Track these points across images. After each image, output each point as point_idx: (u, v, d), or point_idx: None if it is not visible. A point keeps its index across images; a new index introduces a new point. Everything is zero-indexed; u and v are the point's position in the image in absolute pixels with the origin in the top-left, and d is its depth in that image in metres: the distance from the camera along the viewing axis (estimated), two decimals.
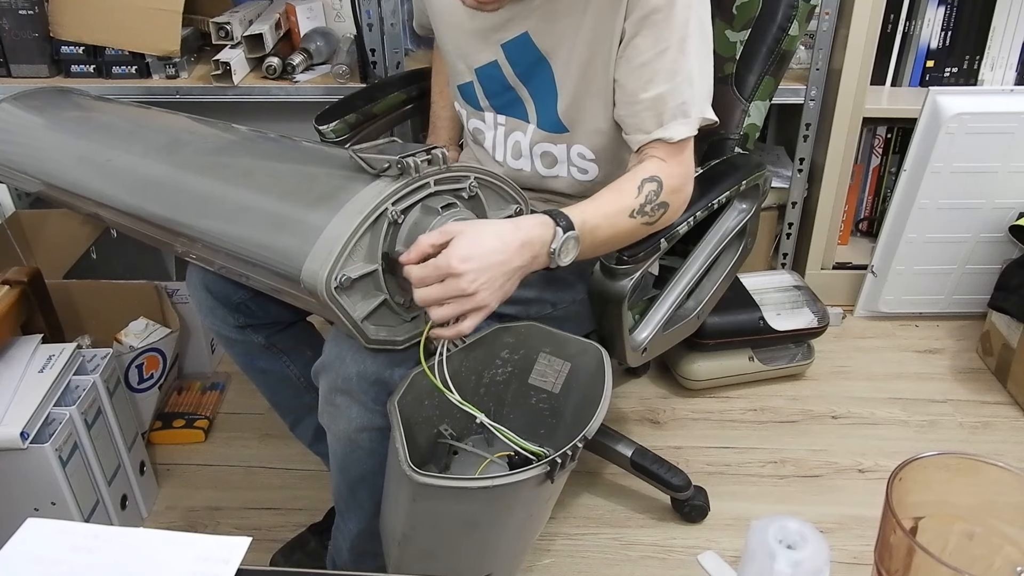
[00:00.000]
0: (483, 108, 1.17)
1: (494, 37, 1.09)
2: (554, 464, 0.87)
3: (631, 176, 1.02)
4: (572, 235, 0.93)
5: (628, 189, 1.00)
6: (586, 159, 1.14)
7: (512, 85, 1.12)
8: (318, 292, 0.86)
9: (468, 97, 1.19)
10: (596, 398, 0.94)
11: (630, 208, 1.00)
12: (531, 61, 1.09)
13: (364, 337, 0.92)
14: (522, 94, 1.13)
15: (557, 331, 1.03)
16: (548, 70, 1.09)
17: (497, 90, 1.14)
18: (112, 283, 1.66)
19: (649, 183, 1.01)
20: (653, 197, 1.01)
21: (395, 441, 0.88)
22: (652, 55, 1.00)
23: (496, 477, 0.85)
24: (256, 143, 1.16)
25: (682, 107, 1.01)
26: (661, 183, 1.01)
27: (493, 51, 1.11)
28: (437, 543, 0.97)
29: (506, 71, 1.11)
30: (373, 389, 0.96)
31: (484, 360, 1.04)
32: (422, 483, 0.84)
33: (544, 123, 1.13)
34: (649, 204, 1.01)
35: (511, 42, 1.08)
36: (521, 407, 1.08)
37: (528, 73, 1.10)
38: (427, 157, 0.90)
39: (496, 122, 1.17)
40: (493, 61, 1.11)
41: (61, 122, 1.36)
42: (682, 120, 1.01)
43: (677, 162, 1.03)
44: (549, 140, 1.14)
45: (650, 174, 1.01)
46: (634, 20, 0.99)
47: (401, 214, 0.89)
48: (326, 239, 0.86)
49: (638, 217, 1.01)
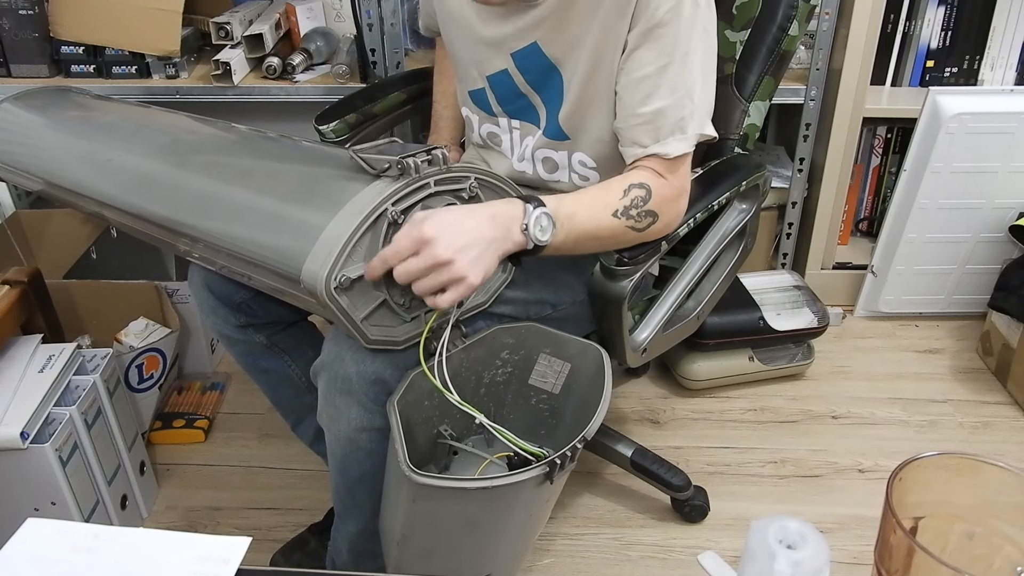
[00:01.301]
0: (496, 114, 1.18)
1: (505, 46, 1.09)
2: (553, 465, 0.87)
3: (620, 178, 1.02)
4: (543, 211, 0.92)
5: (614, 189, 1.00)
6: (587, 167, 1.14)
7: (524, 92, 1.13)
8: (318, 292, 0.86)
9: (480, 103, 1.19)
10: (596, 399, 0.94)
11: (613, 207, 0.99)
12: (542, 69, 1.09)
13: (364, 337, 0.92)
14: (534, 100, 1.13)
15: (557, 332, 1.03)
16: (559, 78, 1.09)
17: (509, 96, 1.14)
18: (112, 283, 1.66)
19: (637, 188, 1.00)
20: (640, 203, 1.00)
21: (394, 442, 0.88)
22: (653, 69, 0.99)
23: (495, 478, 0.85)
24: (257, 143, 1.16)
25: (680, 123, 1.00)
26: (650, 192, 1.00)
27: (504, 60, 1.11)
28: (436, 543, 0.97)
29: (517, 79, 1.11)
30: (373, 389, 0.96)
31: (484, 361, 1.04)
32: (421, 483, 0.84)
33: (548, 130, 1.13)
34: (635, 208, 1.00)
35: (521, 51, 1.08)
36: (521, 408, 1.08)
37: (540, 81, 1.10)
38: (427, 157, 0.90)
39: (511, 126, 1.17)
40: (504, 69, 1.12)
41: (62, 121, 1.36)
42: (679, 136, 1.01)
43: (672, 177, 1.03)
44: (550, 146, 1.14)
45: (639, 181, 1.01)
46: (638, 32, 0.99)
47: (401, 214, 0.89)
48: (326, 239, 0.86)
49: (622, 219, 0.99)
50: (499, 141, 1.20)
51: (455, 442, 1.04)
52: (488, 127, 1.20)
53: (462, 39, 1.15)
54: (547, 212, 0.92)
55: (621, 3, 0.99)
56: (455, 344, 0.99)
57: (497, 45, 1.10)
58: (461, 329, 1.01)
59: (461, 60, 1.18)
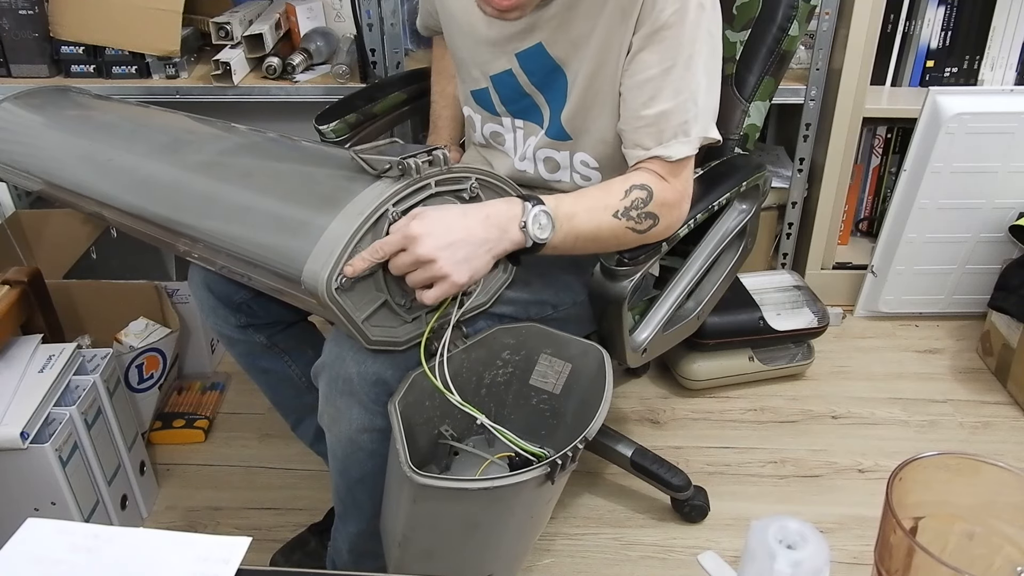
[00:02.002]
0: (499, 113, 1.17)
1: (509, 47, 1.09)
2: (554, 465, 0.87)
3: (621, 179, 1.02)
4: (542, 209, 0.93)
5: (615, 190, 1.00)
6: (589, 167, 1.14)
7: (528, 92, 1.12)
8: (319, 293, 0.86)
9: (483, 102, 1.19)
10: (597, 399, 0.94)
11: (614, 208, 0.99)
12: (547, 70, 1.09)
13: (365, 338, 0.92)
14: (538, 100, 1.13)
15: (558, 332, 1.03)
16: (563, 78, 1.09)
17: (513, 96, 1.14)
18: (112, 283, 1.66)
19: (639, 190, 1.00)
20: (640, 204, 1.00)
21: (396, 442, 0.88)
22: (658, 72, 0.99)
23: (497, 478, 0.85)
24: (257, 143, 1.16)
25: (684, 126, 1.00)
26: (652, 193, 1.00)
27: (508, 60, 1.11)
28: (438, 544, 0.97)
29: (521, 79, 1.11)
30: (374, 390, 0.96)
31: (485, 361, 1.04)
32: (423, 484, 0.84)
33: (551, 130, 1.13)
34: (635, 210, 1.00)
35: (525, 52, 1.08)
36: (522, 408, 1.08)
37: (544, 82, 1.10)
38: (428, 158, 0.90)
39: (514, 126, 1.17)
40: (508, 69, 1.11)
41: (62, 121, 1.36)
42: (682, 139, 1.00)
43: (674, 180, 1.03)
44: (552, 146, 1.14)
45: (641, 182, 1.01)
46: (643, 35, 0.99)
47: (401, 215, 0.89)
48: (327, 240, 0.86)
49: (623, 220, 0.99)
50: (502, 140, 1.20)
51: (456, 442, 1.04)
52: (491, 126, 1.20)
53: (464, 40, 1.15)
54: (546, 210, 0.93)
55: (625, 5, 0.98)
56: (456, 344, 0.99)
57: (501, 46, 1.10)
58: (462, 330, 1.01)
59: (463, 60, 1.18)
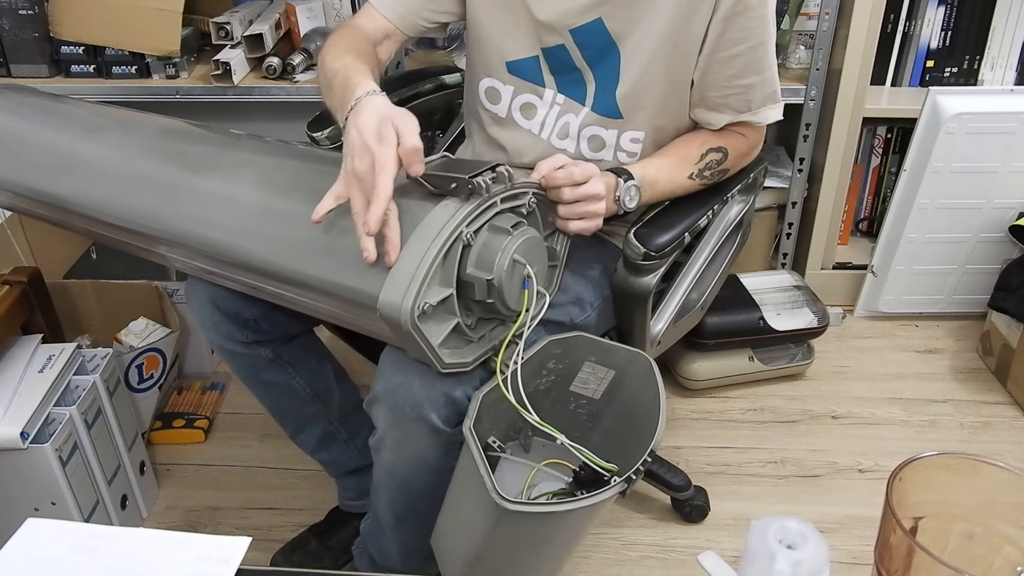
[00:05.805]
0: (545, 85, 1.14)
1: (563, 23, 1.08)
2: (630, 481, 0.86)
3: (699, 142, 1.12)
4: (633, 183, 1.05)
5: (692, 153, 1.11)
6: (636, 144, 1.13)
7: (578, 67, 1.11)
8: (400, 322, 0.83)
9: (525, 72, 1.14)
10: (641, 407, 0.93)
11: (689, 171, 1.11)
12: (601, 45, 1.08)
13: (440, 362, 0.89)
14: (587, 76, 1.11)
15: (604, 340, 1.01)
16: (617, 55, 1.08)
17: (563, 69, 1.12)
18: (112, 283, 1.66)
19: (714, 152, 1.11)
20: (715, 165, 1.12)
21: (479, 469, 0.85)
22: (743, 49, 1.05)
23: (582, 499, 0.83)
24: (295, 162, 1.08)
25: (772, 95, 1.10)
26: (727, 155, 1.12)
27: (559, 36, 1.09)
28: (510, 563, 0.95)
29: (574, 54, 1.10)
30: (444, 411, 0.95)
31: (532, 372, 1.01)
32: (514, 511, 0.81)
33: (600, 107, 1.11)
34: (709, 170, 1.12)
35: (582, 27, 1.07)
36: (558, 412, 1.04)
37: (597, 57, 1.09)
38: (492, 176, 0.88)
39: (554, 100, 1.14)
40: (560, 44, 1.10)
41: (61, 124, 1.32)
42: (771, 105, 1.10)
43: (756, 137, 1.15)
44: (600, 124, 1.12)
45: (718, 145, 1.11)
46: (722, 17, 1.02)
47: (474, 235, 0.87)
48: (403, 266, 0.84)
49: (696, 180, 1.12)
50: (533, 114, 1.16)
51: (507, 455, 1.01)
52: (527, 97, 1.15)
53: (505, 16, 1.12)
54: (636, 184, 1.05)
55: None
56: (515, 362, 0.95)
57: (552, 24, 1.08)
58: (517, 344, 0.98)
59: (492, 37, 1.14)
